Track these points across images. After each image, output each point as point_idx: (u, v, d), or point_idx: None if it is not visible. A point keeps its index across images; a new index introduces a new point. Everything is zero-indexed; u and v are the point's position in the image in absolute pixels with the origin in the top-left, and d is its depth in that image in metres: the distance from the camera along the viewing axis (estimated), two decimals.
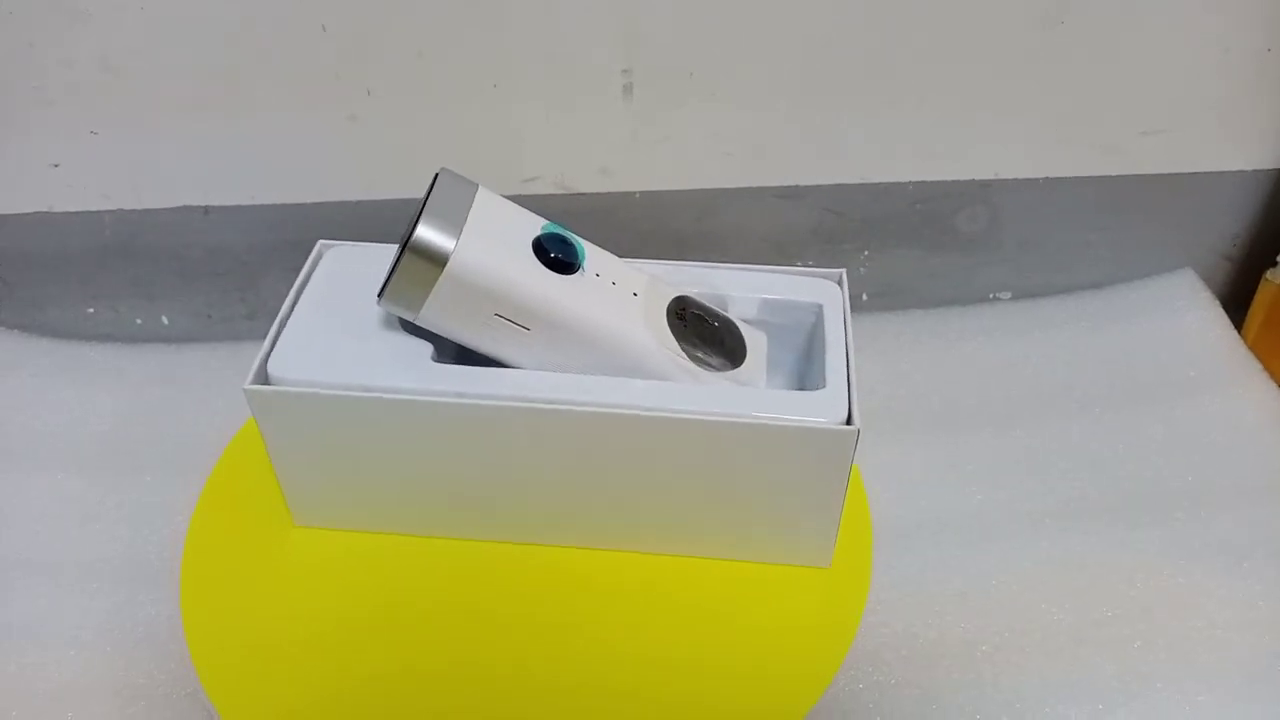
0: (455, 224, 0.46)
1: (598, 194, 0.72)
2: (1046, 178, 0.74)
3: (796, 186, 0.73)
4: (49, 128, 0.67)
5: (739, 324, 0.53)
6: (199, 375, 0.73)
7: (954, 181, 0.74)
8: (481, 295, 0.46)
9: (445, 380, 0.48)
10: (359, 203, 0.71)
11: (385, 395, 0.47)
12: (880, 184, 0.74)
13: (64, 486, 0.66)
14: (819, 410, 0.48)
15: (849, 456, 0.48)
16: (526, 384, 0.48)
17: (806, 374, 0.54)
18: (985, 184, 0.74)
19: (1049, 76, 0.69)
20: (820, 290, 0.54)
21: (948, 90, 0.70)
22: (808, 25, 0.66)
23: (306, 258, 0.52)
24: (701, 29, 0.65)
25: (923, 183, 0.74)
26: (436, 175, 0.48)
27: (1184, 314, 0.77)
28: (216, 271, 0.74)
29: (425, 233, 0.46)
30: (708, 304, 0.53)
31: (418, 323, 0.48)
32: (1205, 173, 0.75)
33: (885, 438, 0.67)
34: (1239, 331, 0.76)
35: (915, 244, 0.77)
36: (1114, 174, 0.75)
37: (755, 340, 0.53)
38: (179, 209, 0.71)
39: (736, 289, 0.54)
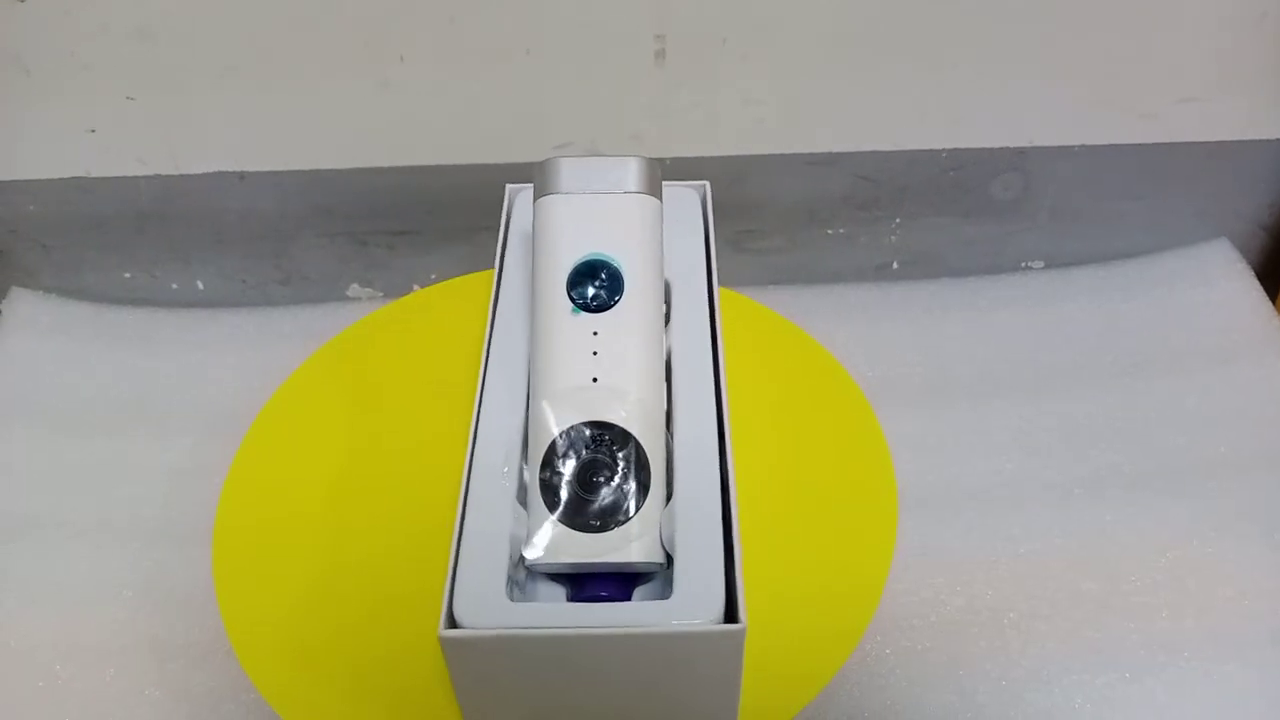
0: (578, 186, 0.45)
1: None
2: (1082, 145, 0.74)
3: (829, 153, 0.73)
4: (85, 94, 0.67)
5: (654, 509, 0.42)
6: (234, 339, 0.74)
7: (988, 149, 0.73)
8: (532, 247, 0.47)
9: (505, 303, 0.50)
10: (392, 169, 0.72)
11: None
12: (913, 151, 0.73)
13: (101, 449, 0.67)
14: (484, 615, 0.39)
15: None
16: (502, 363, 0.48)
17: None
18: (1020, 151, 0.74)
19: (1085, 42, 0.69)
20: (701, 599, 0.41)
21: (982, 56, 0.69)
22: None
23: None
24: None
25: (956, 150, 0.73)
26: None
27: (1219, 283, 0.76)
28: (251, 237, 0.75)
29: (554, 165, 0.45)
30: (656, 469, 0.42)
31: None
32: (1242, 141, 0.74)
33: (914, 406, 0.67)
34: (1274, 301, 0.75)
35: (948, 212, 0.77)
36: (1150, 142, 0.74)
37: (645, 544, 0.41)
38: (214, 174, 0.72)
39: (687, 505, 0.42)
